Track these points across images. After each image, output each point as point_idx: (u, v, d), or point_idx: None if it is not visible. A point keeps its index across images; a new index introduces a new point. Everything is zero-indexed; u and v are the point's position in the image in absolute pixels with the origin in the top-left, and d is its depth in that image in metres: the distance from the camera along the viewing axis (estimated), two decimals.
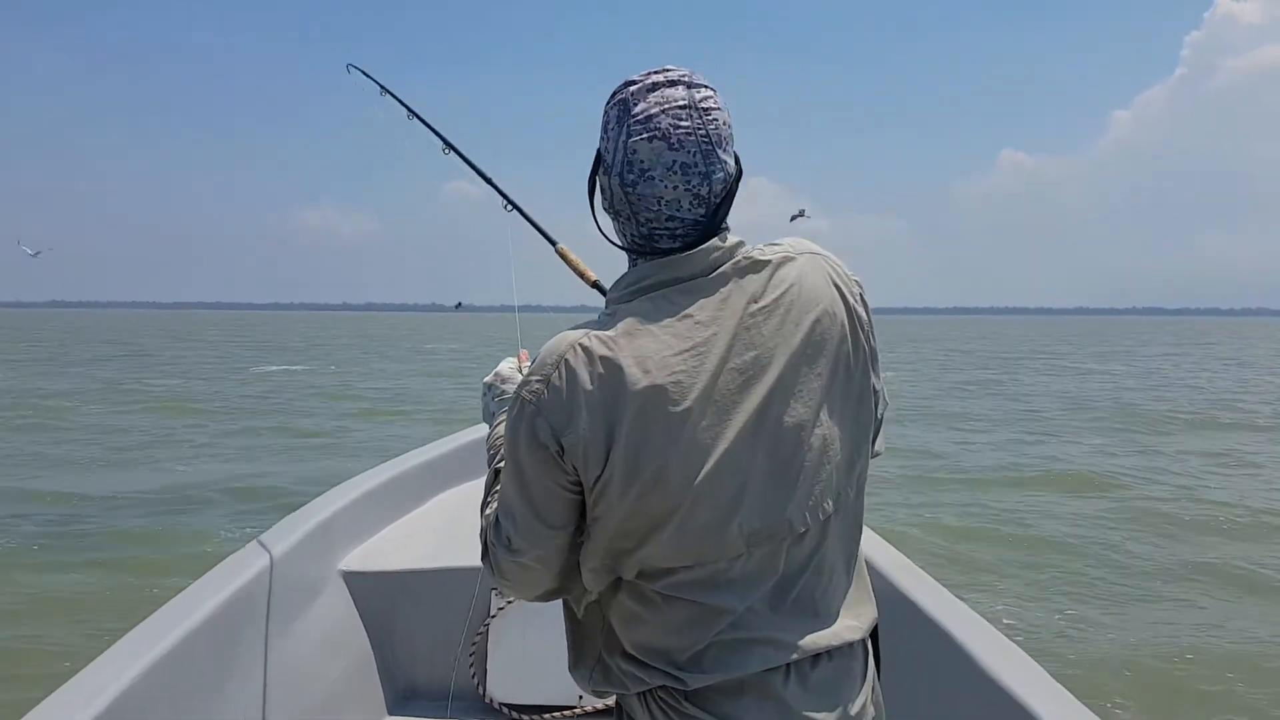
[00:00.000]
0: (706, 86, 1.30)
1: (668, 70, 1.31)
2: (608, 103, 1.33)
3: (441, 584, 2.85)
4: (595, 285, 1.89)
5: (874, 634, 1.42)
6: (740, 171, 1.33)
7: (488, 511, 1.41)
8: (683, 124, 1.26)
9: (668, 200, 1.27)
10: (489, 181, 2.15)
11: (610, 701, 2.17)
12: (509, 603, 2.81)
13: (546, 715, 2.78)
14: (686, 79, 1.29)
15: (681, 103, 1.26)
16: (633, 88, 1.30)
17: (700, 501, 1.23)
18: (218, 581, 2.31)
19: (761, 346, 1.26)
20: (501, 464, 1.37)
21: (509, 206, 2.13)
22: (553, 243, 2.01)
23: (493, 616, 2.82)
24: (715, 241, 1.30)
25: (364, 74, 2.44)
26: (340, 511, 2.98)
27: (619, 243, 1.37)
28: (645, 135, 1.26)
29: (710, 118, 1.27)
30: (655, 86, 1.28)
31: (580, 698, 2.80)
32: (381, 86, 2.39)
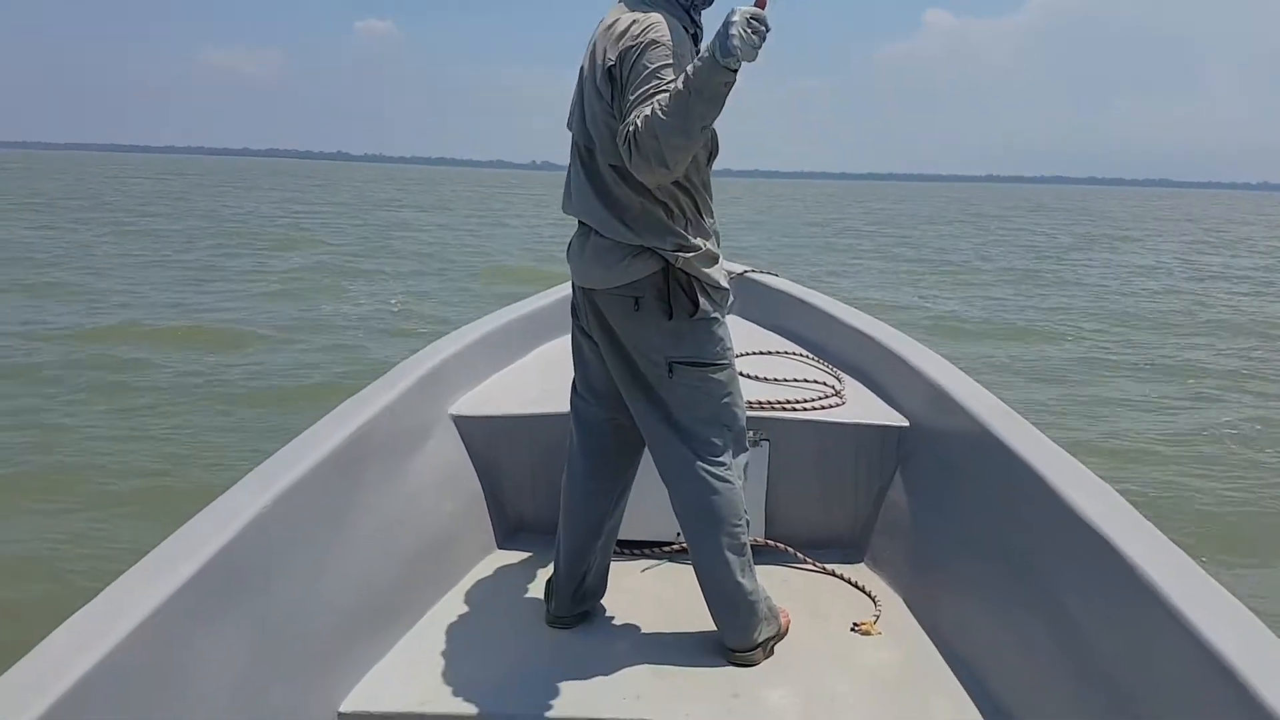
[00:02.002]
0: None
1: None
2: None
3: (545, 428, 2.97)
4: None
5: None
6: None
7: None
8: None
9: None
10: None
11: None
12: None
13: (645, 550, 2.92)
14: None
15: None
16: None
17: None
18: (337, 422, 2.44)
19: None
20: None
21: None
22: None
23: None
24: None
25: None
26: (449, 360, 3.14)
27: None
28: None
29: None
30: None
31: (678, 535, 2.82)
32: None
